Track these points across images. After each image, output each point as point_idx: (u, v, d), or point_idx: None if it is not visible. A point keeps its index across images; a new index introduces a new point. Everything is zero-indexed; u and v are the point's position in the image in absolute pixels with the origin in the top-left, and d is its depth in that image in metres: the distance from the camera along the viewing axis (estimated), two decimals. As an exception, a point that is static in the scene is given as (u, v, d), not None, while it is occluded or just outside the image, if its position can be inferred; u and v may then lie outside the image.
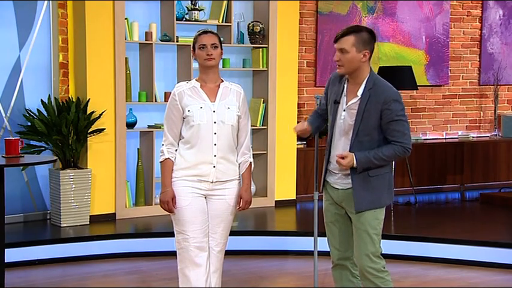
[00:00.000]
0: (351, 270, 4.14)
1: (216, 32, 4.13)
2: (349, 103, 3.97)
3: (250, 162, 4.18)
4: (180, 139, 4.09)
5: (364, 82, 3.94)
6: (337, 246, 4.13)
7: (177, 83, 4.26)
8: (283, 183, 8.03)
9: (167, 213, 4.12)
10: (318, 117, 4.30)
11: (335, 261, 4.17)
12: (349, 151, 3.93)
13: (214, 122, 4.03)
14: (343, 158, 3.89)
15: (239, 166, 4.15)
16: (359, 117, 3.90)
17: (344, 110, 3.98)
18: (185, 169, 4.04)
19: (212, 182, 4.06)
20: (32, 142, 6.92)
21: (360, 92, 3.93)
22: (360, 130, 3.91)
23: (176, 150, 4.09)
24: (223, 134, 4.04)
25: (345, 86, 4.02)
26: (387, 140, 3.92)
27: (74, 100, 7.06)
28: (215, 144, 4.03)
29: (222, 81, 4.15)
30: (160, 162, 4.11)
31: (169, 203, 4.03)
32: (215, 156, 4.03)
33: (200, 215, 4.06)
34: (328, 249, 6.30)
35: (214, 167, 4.04)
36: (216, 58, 4.05)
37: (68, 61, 7.22)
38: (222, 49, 4.10)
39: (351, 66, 3.93)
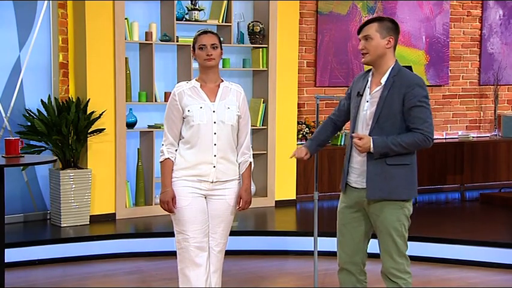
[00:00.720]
0: (356, 277, 4.07)
1: (216, 32, 4.13)
2: (372, 92, 3.91)
3: (250, 162, 4.17)
4: (180, 139, 4.10)
5: (389, 71, 3.89)
6: (345, 250, 4.06)
7: (177, 83, 4.26)
8: (283, 183, 8.03)
9: (167, 213, 4.12)
10: (326, 127, 4.21)
11: (341, 265, 4.10)
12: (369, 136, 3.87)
13: (214, 122, 4.03)
14: (360, 139, 3.81)
15: (239, 166, 4.15)
16: (381, 102, 3.83)
17: (367, 101, 3.92)
18: (185, 169, 4.04)
19: (212, 182, 4.06)
20: (32, 142, 6.92)
21: (383, 80, 3.88)
22: (381, 116, 3.84)
23: (176, 150, 4.09)
24: (223, 134, 4.04)
25: (369, 79, 3.97)
26: (408, 128, 3.83)
27: (74, 100, 7.06)
28: (215, 144, 4.02)
29: (222, 81, 4.15)
30: (160, 162, 4.11)
31: (169, 203, 4.03)
32: (215, 156, 4.03)
33: (200, 215, 4.06)
34: (329, 250, 6.32)
35: (214, 167, 4.04)
36: (215, 58, 4.05)
37: (68, 61, 7.22)
38: (222, 49, 4.10)
39: (375, 53, 3.88)
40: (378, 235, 3.96)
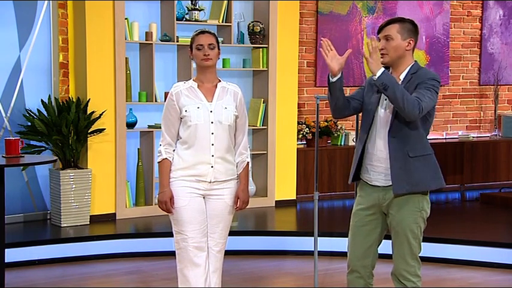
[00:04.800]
0: (365, 279, 4.03)
1: (214, 32, 4.12)
2: None
3: (248, 162, 4.17)
4: (177, 139, 4.10)
5: (408, 68, 3.88)
6: (356, 253, 4.01)
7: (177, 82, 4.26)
8: (283, 183, 8.03)
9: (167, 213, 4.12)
10: (346, 98, 4.05)
11: (351, 267, 4.04)
12: (388, 132, 3.83)
13: (212, 122, 4.02)
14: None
15: (237, 166, 4.15)
16: None
17: (386, 100, 3.85)
18: (183, 169, 4.04)
19: (210, 182, 4.06)
20: (32, 142, 6.92)
21: (402, 76, 3.87)
22: (398, 113, 3.78)
23: (174, 150, 4.09)
24: (221, 134, 4.04)
25: None
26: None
27: (74, 100, 7.06)
28: (212, 144, 4.02)
29: (220, 81, 4.15)
30: (158, 162, 4.11)
31: (167, 203, 4.03)
32: (213, 156, 4.03)
33: (198, 215, 4.05)
34: (329, 250, 6.32)
35: (212, 167, 4.03)
36: (213, 58, 4.04)
37: (68, 61, 7.22)
38: (219, 49, 4.09)
39: (395, 55, 3.86)
40: (393, 236, 3.93)
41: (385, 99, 3.88)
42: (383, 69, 3.71)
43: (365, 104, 3.99)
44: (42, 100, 6.98)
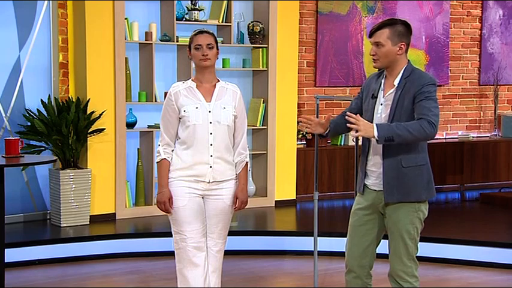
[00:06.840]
0: (363, 280, 4.03)
1: (212, 32, 4.12)
2: (385, 95, 3.88)
3: (247, 162, 4.17)
4: (176, 139, 4.10)
5: (401, 72, 3.87)
6: (354, 252, 4.01)
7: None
8: (283, 183, 8.03)
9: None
10: (342, 119, 4.09)
11: (349, 267, 4.05)
12: None
13: (210, 122, 4.02)
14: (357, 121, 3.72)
15: (235, 166, 4.15)
16: (394, 105, 3.81)
17: (381, 104, 3.88)
18: (182, 169, 4.04)
19: (209, 182, 4.06)
20: (32, 142, 6.92)
21: (396, 82, 3.87)
22: (394, 119, 3.79)
23: (173, 150, 4.09)
24: (219, 134, 4.04)
25: (382, 81, 3.94)
26: (416, 119, 3.77)
27: (74, 100, 7.06)
28: (211, 145, 4.02)
29: (218, 81, 4.15)
30: (157, 162, 4.11)
31: (166, 204, 4.03)
32: (211, 156, 4.03)
33: (197, 215, 4.06)
34: (329, 250, 6.33)
35: (210, 167, 4.03)
36: (211, 58, 4.04)
37: (68, 61, 7.22)
38: (218, 49, 4.09)
39: (386, 60, 3.86)
40: (390, 236, 3.94)
41: (381, 104, 3.90)
42: (375, 127, 3.70)
43: (364, 111, 4.01)
44: (42, 100, 6.98)
